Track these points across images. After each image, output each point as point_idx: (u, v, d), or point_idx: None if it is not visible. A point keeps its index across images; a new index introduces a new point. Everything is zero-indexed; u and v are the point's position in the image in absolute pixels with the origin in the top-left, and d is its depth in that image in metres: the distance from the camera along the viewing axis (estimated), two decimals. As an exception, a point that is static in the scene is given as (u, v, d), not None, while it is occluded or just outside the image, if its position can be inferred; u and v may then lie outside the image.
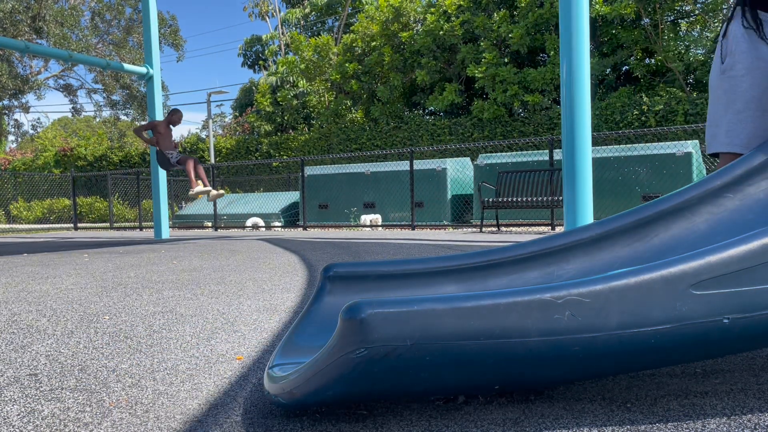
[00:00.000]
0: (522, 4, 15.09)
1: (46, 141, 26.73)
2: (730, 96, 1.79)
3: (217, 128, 33.49)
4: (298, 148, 19.30)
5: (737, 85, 1.76)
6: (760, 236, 1.16)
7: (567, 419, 1.17)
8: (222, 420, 1.23)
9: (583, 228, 1.72)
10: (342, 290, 1.64)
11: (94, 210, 19.89)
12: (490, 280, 1.67)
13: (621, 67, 16.07)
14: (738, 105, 1.76)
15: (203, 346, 1.85)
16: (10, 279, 3.57)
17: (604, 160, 8.88)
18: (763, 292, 1.13)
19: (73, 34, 23.65)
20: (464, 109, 17.71)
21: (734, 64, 1.77)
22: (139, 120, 27.88)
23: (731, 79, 1.78)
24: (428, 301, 1.06)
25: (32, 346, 1.87)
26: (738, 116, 1.77)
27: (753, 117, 1.74)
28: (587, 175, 4.28)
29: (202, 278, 3.41)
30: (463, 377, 1.12)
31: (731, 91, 1.78)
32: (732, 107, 1.78)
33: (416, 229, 10.16)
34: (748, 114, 1.75)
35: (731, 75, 1.78)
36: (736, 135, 1.77)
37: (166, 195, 8.63)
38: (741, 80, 1.75)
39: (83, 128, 38.73)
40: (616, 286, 1.10)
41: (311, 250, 5.17)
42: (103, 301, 2.68)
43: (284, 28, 26.61)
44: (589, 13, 4.33)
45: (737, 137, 1.77)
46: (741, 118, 1.76)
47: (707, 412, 1.19)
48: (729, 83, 1.79)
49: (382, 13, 17.49)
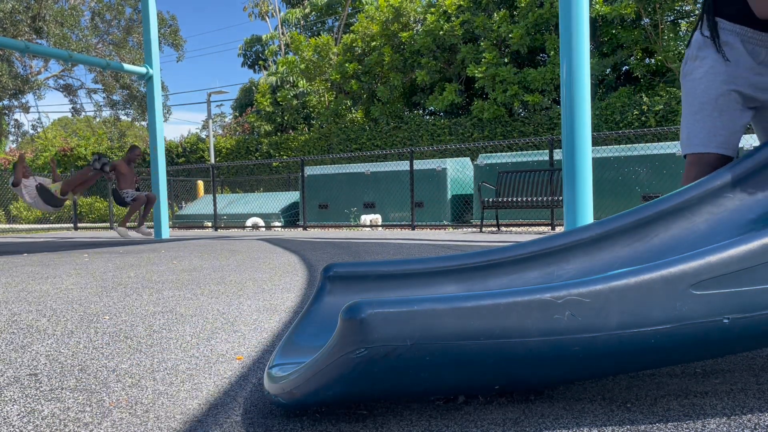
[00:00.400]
0: (522, 4, 15.09)
1: (46, 141, 26.73)
2: (689, 99, 1.86)
3: (217, 128, 33.50)
4: (298, 148, 19.30)
5: (695, 88, 1.83)
6: (760, 236, 1.16)
7: (567, 419, 1.17)
8: (222, 420, 1.23)
9: (583, 228, 1.72)
10: (342, 290, 1.64)
11: (94, 210, 19.90)
12: (490, 280, 1.67)
13: (621, 67, 16.06)
14: (694, 107, 1.83)
15: (203, 346, 1.85)
16: (10, 279, 3.57)
17: (604, 160, 8.88)
18: (763, 292, 1.13)
19: (73, 34, 23.65)
20: (464, 109, 17.71)
21: (693, 69, 1.84)
22: (139, 120, 27.88)
23: (690, 83, 1.85)
24: (428, 301, 1.06)
25: (32, 346, 1.87)
26: (695, 117, 1.83)
27: (710, 117, 1.79)
28: (587, 175, 4.28)
29: (202, 278, 3.41)
30: (463, 377, 1.12)
31: (690, 94, 1.85)
32: (690, 109, 1.85)
33: (416, 229, 10.16)
34: (704, 115, 1.81)
35: (690, 79, 1.85)
36: (695, 135, 1.83)
37: (166, 195, 8.63)
38: (698, 83, 1.82)
39: (83, 128, 38.74)
40: (616, 286, 1.10)
41: (311, 250, 5.17)
42: (103, 301, 2.68)
43: (284, 28, 26.61)
44: (589, 13, 4.33)
45: (696, 137, 1.83)
46: (697, 119, 1.82)
47: (707, 412, 1.19)
48: (688, 87, 1.86)
49: (382, 13, 17.49)
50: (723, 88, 1.77)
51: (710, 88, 1.79)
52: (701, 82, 1.81)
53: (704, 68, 1.80)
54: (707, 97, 1.79)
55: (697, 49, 1.83)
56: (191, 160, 21.96)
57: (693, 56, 1.85)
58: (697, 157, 1.81)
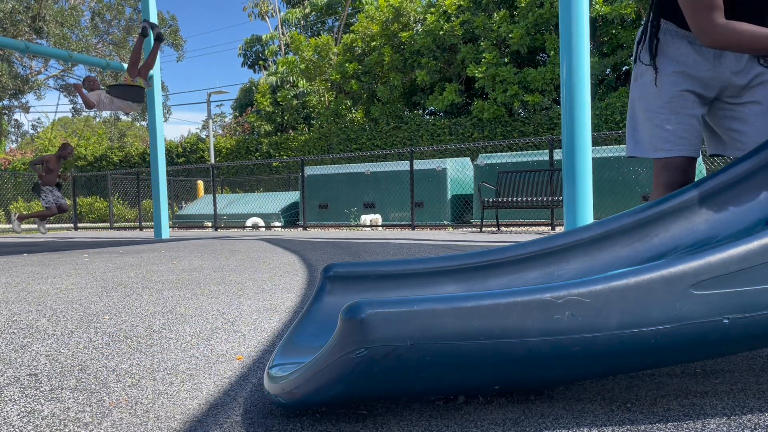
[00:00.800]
0: (522, 4, 15.10)
1: (46, 141, 26.74)
2: (643, 103, 1.85)
3: (217, 128, 33.49)
4: (298, 148, 19.30)
5: (647, 92, 1.83)
6: (760, 236, 1.16)
7: (567, 419, 1.17)
8: (222, 420, 1.23)
9: (583, 228, 1.72)
10: (342, 290, 1.64)
11: (94, 210, 19.90)
12: (490, 280, 1.67)
13: (621, 67, 16.07)
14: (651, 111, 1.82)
15: (203, 346, 1.85)
16: (10, 279, 3.57)
17: (604, 160, 8.88)
18: (763, 292, 1.13)
19: (73, 34, 23.66)
20: (464, 109, 17.71)
21: (644, 71, 1.84)
22: (139, 120, 27.88)
23: (641, 86, 1.85)
24: (428, 301, 1.06)
25: (32, 346, 1.87)
26: (653, 121, 1.82)
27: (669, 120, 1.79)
28: (587, 175, 4.28)
29: (202, 278, 3.41)
30: (463, 377, 1.12)
31: (643, 98, 1.84)
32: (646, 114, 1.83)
33: (416, 229, 10.16)
34: (662, 118, 1.80)
35: (642, 82, 1.85)
36: (658, 139, 1.81)
37: (166, 195, 8.63)
38: (650, 86, 1.82)
39: (83, 128, 38.73)
40: (616, 286, 1.10)
41: (311, 250, 5.17)
42: (103, 301, 2.68)
43: (284, 28, 26.62)
44: (589, 13, 4.33)
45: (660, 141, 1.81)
46: (656, 123, 1.81)
47: (707, 412, 1.19)
48: (640, 90, 1.85)
49: (382, 13, 17.50)
50: (675, 90, 1.77)
51: (663, 91, 1.79)
52: (652, 86, 1.81)
53: (651, 72, 1.80)
54: (661, 100, 1.79)
55: (644, 54, 1.83)
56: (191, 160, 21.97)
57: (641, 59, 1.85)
58: (666, 161, 1.80)
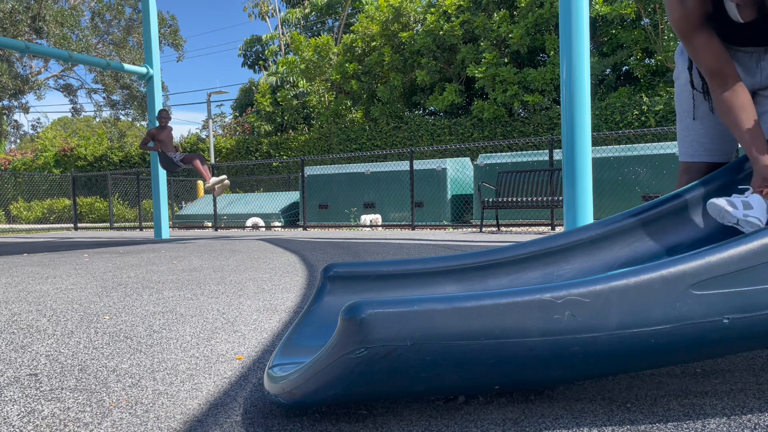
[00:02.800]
0: (522, 4, 15.09)
1: (47, 141, 26.74)
2: (676, 106, 1.87)
3: (217, 128, 33.47)
4: (298, 148, 19.30)
5: (679, 96, 1.84)
6: (760, 236, 1.16)
7: (567, 419, 1.17)
8: (222, 420, 1.23)
9: (583, 228, 1.72)
10: (342, 290, 1.64)
11: (94, 210, 19.89)
12: (490, 280, 1.67)
13: (621, 67, 16.06)
14: (680, 115, 1.84)
15: (203, 346, 1.85)
16: (10, 279, 3.57)
17: (604, 160, 8.88)
18: (763, 292, 1.13)
19: (73, 34, 23.65)
20: (464, 109, 17.71)
21: (678, 74, 1.85)
22: (139, 120, 27.89)
23: (677, 89, 1.86)
24: (428, 301, 1.06)
25: (32, 346, 1.87)
26: (680, 125, 1.83)
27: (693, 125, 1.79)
28: (587, 175, 4.28)
29: (202, 278, 3.41)
30: (463, 377, 1.12)
31: (677, 101, 1.86)
32: (678, 116, 1.85)
33: (416, 229, 10.16)
34: (687, 123, 1.81)
35: (677, 85, 1.86)
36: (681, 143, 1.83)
37: (166, 195, 8.63)
38: (681, 90, 1.83)
39: (83, 128, 38.74)
40: (616, 286, 1.10)
41: (311, 250, 5.17)
42: (103, 301, 2.68)
43: (284, 28, 26.61)
44: (589, 13, 4.33)
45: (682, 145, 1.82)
46: (682, 127, 1.82)
47: (707, 412, 1.19)
48: (676, 92, 1.87)
49: (382, 13, 17.49)
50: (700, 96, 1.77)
51: (690, 97, 1.79)
52: (684, 89, 1.81)
53: (685, 76, 1.81)
54: (688, 105, 1.80)
55: (679, 54, 1.84)
56: (191, 160, 21.89)
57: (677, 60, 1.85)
58: (688, 165, 1.81)
